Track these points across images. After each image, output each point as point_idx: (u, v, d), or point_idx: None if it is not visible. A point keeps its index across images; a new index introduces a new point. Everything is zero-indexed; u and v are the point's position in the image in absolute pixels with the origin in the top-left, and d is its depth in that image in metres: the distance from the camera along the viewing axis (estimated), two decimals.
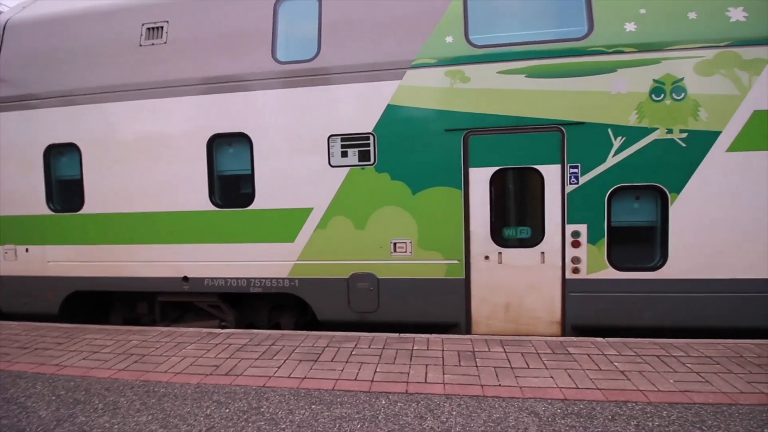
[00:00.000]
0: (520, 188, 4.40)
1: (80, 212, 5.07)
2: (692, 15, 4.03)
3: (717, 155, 3.99)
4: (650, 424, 2.72)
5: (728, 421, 2.74)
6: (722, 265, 4.04)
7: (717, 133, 3.98)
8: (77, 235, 5.06)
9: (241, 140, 4.73)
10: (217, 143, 4.79)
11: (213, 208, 4.76)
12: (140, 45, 4.89)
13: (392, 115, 4.39)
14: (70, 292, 5.13)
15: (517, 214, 4.44)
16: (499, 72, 4.25)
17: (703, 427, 2.68)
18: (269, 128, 4.64)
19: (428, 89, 4.35)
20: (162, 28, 4.86)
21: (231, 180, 4.85)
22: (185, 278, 4.83)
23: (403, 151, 4.40)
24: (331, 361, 3.76)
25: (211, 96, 4.71)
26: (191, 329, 4.77)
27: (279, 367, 3.65)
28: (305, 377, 3.46)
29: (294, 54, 4.67)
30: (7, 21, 5.30)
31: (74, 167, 5.08)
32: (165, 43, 4.84)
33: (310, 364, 3.70)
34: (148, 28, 4.88)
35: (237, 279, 4.73)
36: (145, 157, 4.86)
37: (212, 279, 4.78)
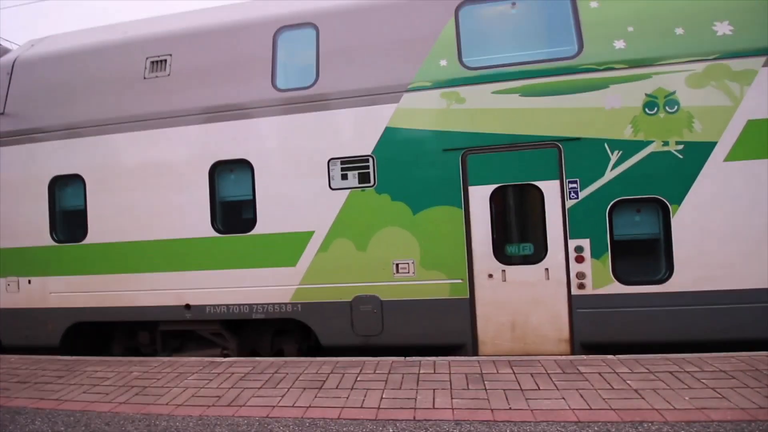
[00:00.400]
0: (520, 205, 4.42)
1: (83, 242, 5.10)
2: (679, 30, 4.14)
3: (715, 165, 4.02)
4: None
5: None
6: (728, 275, 4.00)
7: (713, 144, 4.03)
8: (80, 266, 5.07)
9: (242, 166, 4.79)
10: (219, 170, 4.86)
11: (215, 234, 4.78)
12: (144, 78, 5.03)
13: (391, 137, 4.45)
14: (71, 323, 5.09)
15: (519, 231, 4.43)
16: (493, 92, 4.34)
17: None
18: (270, 154, 4.71)
19: (425, 111, 4.42)
20: (165, 60, 5.01)
21: (233, 206, 4.88)
22: (187, 306, 4.80)
23: (402, 172, 4.45)
24: (336, 388, 3.70)
25: (213, 124, 4.81)
26: (193, 359, 4.71)
27: (283, 396, 3.59)
28: (310, 406, 3.40)
29: (293, 82, 4.78)
30: (16, 59, 5.49)
31: (78, 198, 5.15)
32: (168, 75, 4.98)
33: (315, 391, 3.64)
34: (152, 62, 5.05)
35: (239, 305, 4.70)
36: (148, 185, 4.92)
37: (214, 306, 4.75)
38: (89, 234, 5.09)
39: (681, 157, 4.08)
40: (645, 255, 4.22)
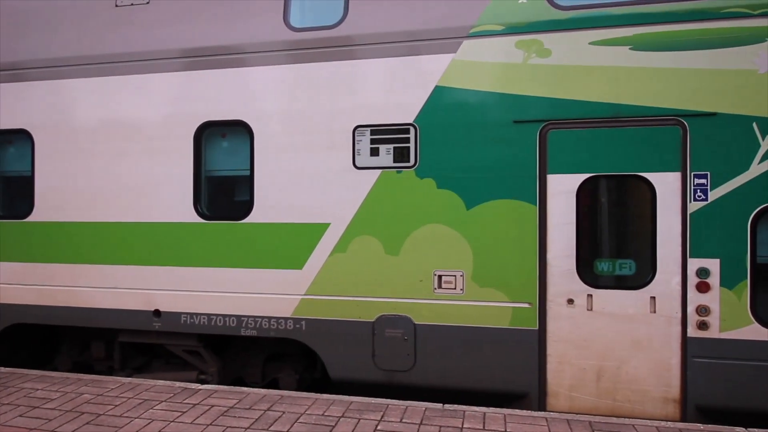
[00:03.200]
0: (620, 205, 3.99)
1: (27, 219, 4.87)
2: None
3: None
4: None
5: None
6: None
7: None
8: (22, 250, 4.86)
9: (238, 131, 4.48)
10: (208, 134, 4.55)
11: (199, 219, 4.48)
12: (116, 5, 4.73)
13: (441, 100, 4.05)
14: (7, 324, 4.89)
15: (615, 241, 3.96)
16: (592, 42, 3.84)
17: None
18: (276, 116, 4.39)
19: (492, 66, 4.00)
20: None
21: (224, 183, 4.64)
22: (156, 312, 4.53)
23: (454, 150, 4.04)
24: None
25: (203, 72, 4.49)
26: (161, 383, 4.47)
27: None
28: None
29: (313, 18, 4.41)
30: None
31: (24, 161, 4.92)
32: (148, 2, 4.67)
33: None
34: None
35: (224, 316, 4.40)
36: (115, 149, 4.65)
37: (192, 315, 4.46)
38: (36, 209, 4.86)
39: None
40: None
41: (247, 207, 4.39)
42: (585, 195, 3.87)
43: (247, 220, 4.38)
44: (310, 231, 4.26)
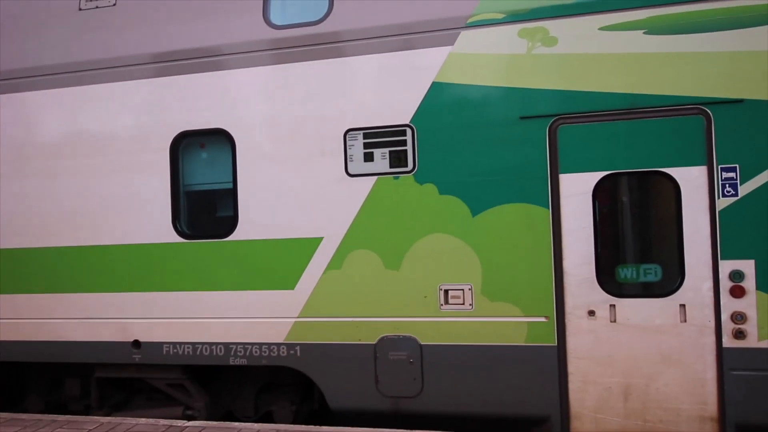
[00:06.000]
0: (641, 204, 3.83)
1: None
2: None
3: None
4: None
5: None
6: None
7: None
8: None
9: (218, 140, 4.31)
10: (185, 145, 4.39)
11: (178, 238, 4.30)
12: (80, 9, 4.55)
13: (439, 97, 3.91)
14: None
15: (638, 245, 3.81)
16: (602, 28, 3.69)
17: None
18: (259, 122, 4.25)
19: (493, 58, 3.86)
20: None
21: (205, 198, 4.49)
22: (136, 343, 4.34)
23: (456, 152, 3.89)
24: None
25: (177, 78, 4.33)
26: (143, 421, 4.32)
27: None
28: None
29: (295, 14, 4.25)
30: None
31: None
32: (114, 5, 4.51)
33: None
34: None
35: (210, 345, 4.22)
36: (82, 166, 4.48)
37: (174, 345, 4.28)
38: None
39: None
40: None
41: (231, 223, 4.22)
42: (602, 195, 3.74)
43: (231, 237, 4.21)
44: (301, 247, 4.11)
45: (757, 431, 3.48)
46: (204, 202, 4.52)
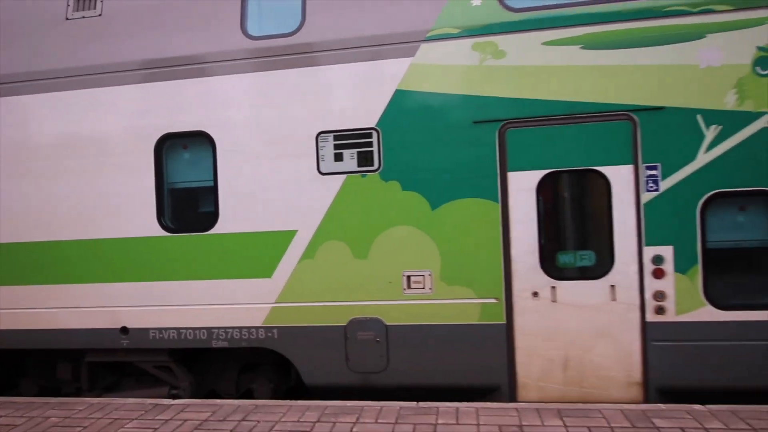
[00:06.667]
0: (578, 198, 4.15)
1: None
2: None
3: None
4: None
5: None
6: None
7: None
8: None
9: (199, 142, 4.49)
10: (169, 146, 4.55)
11: (163, 232, 4.48)
12: (67, 18, 4.66)
13: (402, 103, 4.16)
14: None
15: (575, 234, 4.13)
16: (545, 43, 4.01)
17: None
18: (238, 125, 4.42)
19: (450, 68, 4.12)
20: None
21: (187, 195, 4.63)
22: (124, 330, 4.50)
23: (417, 152, 4.15)
24: None
25: (160, 84, 4.48)
26: (131, 401, 4.45)
27: None
28: None
29: (271, 26, 4.44)
30: None
31: None
32: (100, 15, 4.63)
33: None
34: None
35: (194, 330, 4.40)
36: (71, 167, 4.59)
37: (160, 330, 4.45)
38: None
39: None
40: (750, 269, 3.90)
41: (212, 218, 4.41)
42: (545, 191, 4.03)
43: (212, 231, 4.39)
44: (277, 239, 4.30)
45: (674, 393, 3.89)
46: (187, 199, 4.63)
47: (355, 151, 4.21)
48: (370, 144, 4.18)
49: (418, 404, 4.00)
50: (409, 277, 4.15)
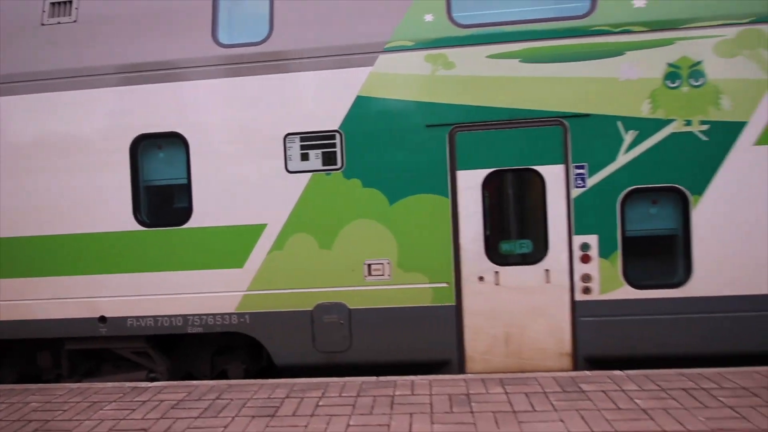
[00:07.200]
0: (518, 194, 4.48)
1: None
2: None
3: (743, 150, 4.11)
4: None
5: None
6: (757, 277, 4.13)
7: (742, 124, 4.12)
8: None
9: (174, 142, 4.60)
10: (144, 146, 4.65)
11: (138, 227, 4.59)
12: (42, 24, 4.69)
13: (363, 108, 4.39)
14: None
15: (515, 226, 4.49)
16: (489, 56, 4.32)
17: None
18: (210, 127, 4.56)
19: (405, 77, 4.38)
20: (71, 2, 4.69)
21: (162, 191, 4.73)
22: (102, 318, 4.60)
23: (376, 153, 4.40)
24: (292, 415, 3.69)
25: (135, 87, 4.58)
26: (109, 385, 4.53)
27: (226, 426, 3.56)
28: None
29: (240, 35, 4.61)
30: None
31: None
32: (75, 21, 4.67)
33: (266, 420, 3.63)
34: (53, 3, 4.70)
35: (170, 317, 4.54)
36: (50, 165, 4.63)
37: (138, 318, 4.57)
38: None
39: (705, 139, 4.15)
40: (661, 254, 4.36)
41: (186, 213, 4.54)
42: (490, 187, 4.37)
43: (187, 225, 4.53)
44: (248, 232, 4.47)
45: (599, 361, 4.31)
46: (162, 195, 4.72)
47: (320, 151, 4.42)
48: (333, 145, 4.41)
49: (378, 379, 4.26)
50: (369, 265, 4.42)
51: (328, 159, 4.42)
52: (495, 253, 4.40)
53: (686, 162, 4.17)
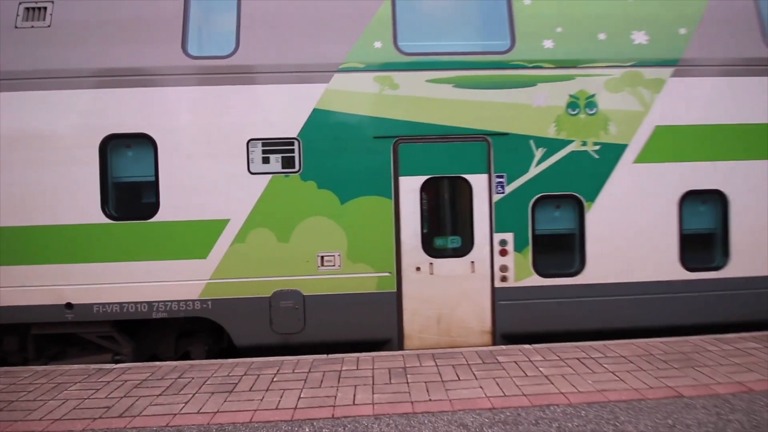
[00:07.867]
0: (450, 197, 4.96)
1: None
2: (602, 36, 4.93)
3: (625, 166, 4.86)
4: (570, 425, 3.25)
5: (638, 416, 3.34)
6: (634, 268, 4.88)
7: (624, 146, 4.87)
8: None
9: (142, 142, 4.73)
10: (113, 145, 4.75)
11: (106, 220, 4.68)
12: (16, 27, 4.69)
13: (319, 119, 4.71)
14: None
15: (447, 224, 4.98)
16: (428, 80, 4.79)
17: (617, 423, 3.25)
18: (178, 130, 4.73)
19: (357, 94, 4.75)
20: (45, 8, 4.71)
21: (130, 188, 4.81)
22: (68, 305, 4.63)
23: (330, 158, 4.73)
24: (249, 390, 3.87)
25: (106, 90, 4.68)
26: (75, 366, 4.58)
27: (186, 403, 3.68)
28: (218, 411, 3.54)
29: (208, 48, 4.84)
30: None
31: None
32: (49, 26, 4.70)
33: (224, 395, 3.78)
34: (27, 8, 4.71)
35: (136, 303, 4.65)
36: (20, 160, 4.63)
37: (104, 305, 4.64)
38: None
39: (597, 157, 4.88)
40: (562, 249, 4.99)
41: (153, 208, 4.67)
42: (427, 191, 4.83)
43: (154, 219, 4.65)
44: (212, 226, 4.67)
45: (513, 337, 4.90)
46: (130, 191, 4.81)
47: (279, 155, 4.69)
48: (292, 150, 4.69)
49: (327, 356, 4.60)
50: (322, 257, 4.74)
51: (287, 163, 4.70)
52: (430, 247, 4.87)
53: (582, 175, 4.85)
